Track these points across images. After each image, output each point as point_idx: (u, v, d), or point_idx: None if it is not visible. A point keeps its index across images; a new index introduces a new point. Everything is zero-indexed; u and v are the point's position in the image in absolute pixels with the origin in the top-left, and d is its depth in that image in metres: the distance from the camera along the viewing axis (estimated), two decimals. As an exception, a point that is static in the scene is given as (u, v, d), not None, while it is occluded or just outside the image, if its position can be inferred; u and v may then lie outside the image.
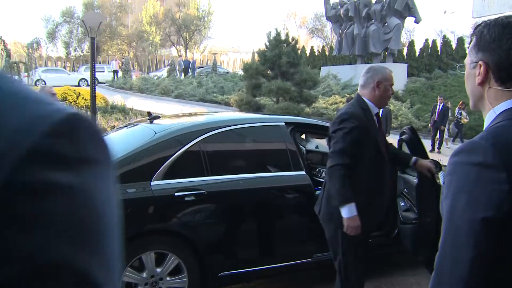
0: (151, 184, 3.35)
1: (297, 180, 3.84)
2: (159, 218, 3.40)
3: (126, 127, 4.36)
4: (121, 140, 4.01)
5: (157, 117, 4.21)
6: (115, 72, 33.05)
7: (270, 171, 3.92)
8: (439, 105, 13.15)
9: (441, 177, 1.33)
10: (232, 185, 3.66)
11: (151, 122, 4.04)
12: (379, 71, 3.03)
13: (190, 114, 5.39)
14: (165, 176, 3.42)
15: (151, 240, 3.39)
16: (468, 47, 1.29)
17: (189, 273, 3.43)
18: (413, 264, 4.71)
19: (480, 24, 1.25)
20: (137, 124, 4.19)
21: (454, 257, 1.06)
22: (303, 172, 3.87)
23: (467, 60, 1.28)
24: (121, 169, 3.33)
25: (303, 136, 5.46)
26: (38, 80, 27.87)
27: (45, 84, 26.47)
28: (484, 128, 1.24)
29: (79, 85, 26.65)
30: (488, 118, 1.22)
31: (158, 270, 3.36)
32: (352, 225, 2.80)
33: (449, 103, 14.30)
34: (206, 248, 3.49)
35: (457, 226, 1.06)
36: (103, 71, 32.58)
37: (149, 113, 4.92)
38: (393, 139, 4.04)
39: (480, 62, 1.20)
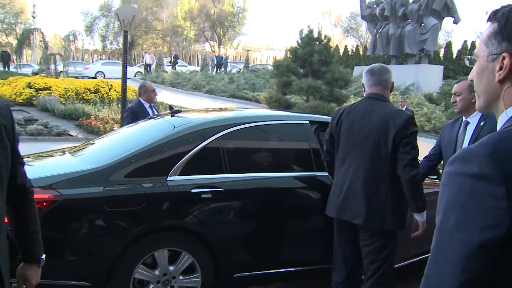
0: (167, 179, 3.27)
1: (320, 181, 3.68)
2: (174, 215, 3.31)
3: (147, 120, 4.29)
4: (139, 133, 3.94)
5: (179, 111, 4.12)
6: (148, 66, 33.43)
7: (292, 171, 3.78)
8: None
9: (440, 187, 1.13)
10: (251, 184, 3.54)
11: (172, 116, 3.96)
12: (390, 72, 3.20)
13: (215, 110, 5.29)
14: (182, 172, 3.33)
15: (165, 237, 3.30)
16: (488, 35, 1.06)
17: (202, 272, 3.33)
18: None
19: (501, 9, 1.05)
20: (158, 118, 4.11)
21: (440, 281, 0.90)
22: (327, 173, 3.70)
23: (480, 51, 1.08)
24: (137, 163, 3.25)
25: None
26: (98, 72, 29.22)
27: (104, 76, 27.38)
28: None
29: (95, 77, 26.91)
30: (500, 122, 1.04)
31: (171, 268, 3.27)
32: (424, 228, 3.08)
33: None
34: (221, 248, 3.37)
35: (445, 247, 0.90)
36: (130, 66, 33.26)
37: (170, 107, 4.86)
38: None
39: (504, 54, 1.01)
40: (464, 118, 3.34)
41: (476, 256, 0.86)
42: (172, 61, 34.95)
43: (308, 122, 3.87)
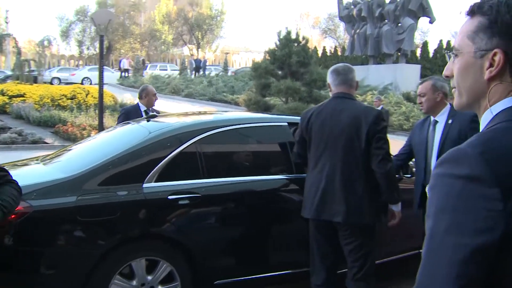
0: (143, 186, 3.17)
1: (299, 183, 3.63)
2: (151, 223, 3.21)
3: (121, 126, 4.18)
4: (114, 140, 3.84)
5: (155, 116, 4.04)
6: (126, 70, 33.10)
7: (271, 174, 3.72)
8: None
9: (428, 190, 1.09)
10: (229, 188, 3.46)
11: (148, 121, 3.87)
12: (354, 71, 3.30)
13: (192, 113, 5.20)
14: (158, 179, 3.24)
15: (142, 246, 3.20)
16: (474, 30, 1.00)
17: (182, 281, 3.24)
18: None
19: (487, 1, 0.98)
20: (132, 123, 4.01)
21: None
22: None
23: (464, 47, 1.01)
24: (111, 170, 3.15)
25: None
26: (84, 78, 29.56)
27: (91, 82, 27.36)
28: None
29: (82, 83, 26.98)
30: (484, 120, 1.00)
31: (149, 277, 3.17)
32: (400, 217, 3.22)
33: None
34: (200, 255, 3.29)
35: (437, 252, 0.86)
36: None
37: (146, 112, 4.77)
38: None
39: (496, 50, 0.95)
40: (432, 118, 3.37)
41: (470, 261, 0.82)
42: (139, 67, 33.93)
43: (286, 124, 3.82)
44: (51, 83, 26.51)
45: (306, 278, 3.61)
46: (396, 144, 3.28)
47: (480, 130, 0.99)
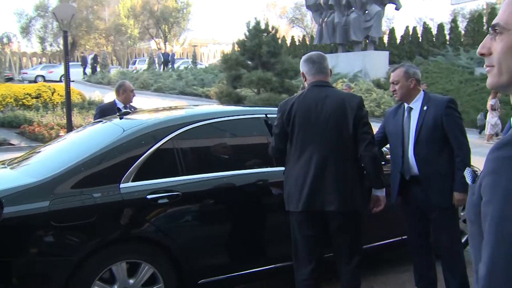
0: (120, 187, 3.04)
1: (280, 176, 3.56)
2: (130, 224, 3.08)
3: (92, 125, 4.01)
4: (86, 139, 3.68)
5: (127, 113, 3.88)
6: (95, 66, 32.36)
7: (251, 168, 3.63)
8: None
9: (467, 174, 1.03)
10: (210, 185, 3.36)
11: (121, 119, 3.71)
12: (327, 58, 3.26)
13: (166, 109, 5.06)
14: (136, 178, 3.11)
15: (122, 249, 3.07)
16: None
17: (165, 282, 3.13)
18: (405, 260, 4.49)
19: None
20: (104, 121, 3.85)
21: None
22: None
23: (511, 23, 0.94)
24: (85, 172, 3.01)
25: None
26: (63, 75, 28.66)
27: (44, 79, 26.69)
28: None
29: (60, 81, 26.34)
30: None
31: (131, 281, 3.05)
32: (385, 202, 3.25)
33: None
34: (183, 255, 3.19)
35: (511, 237, 0.83)
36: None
37: (118, 109, 4.60)
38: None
39: None
40: (406, 105, 3.34)
41: None
42: (91, 63, 32.50)
43: (264, 116, 3.73)
44: (35, 81, 26.84)
45: (290, 271, 3.56)
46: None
47: None
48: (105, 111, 4.92)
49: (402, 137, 3.31)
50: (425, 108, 3.21)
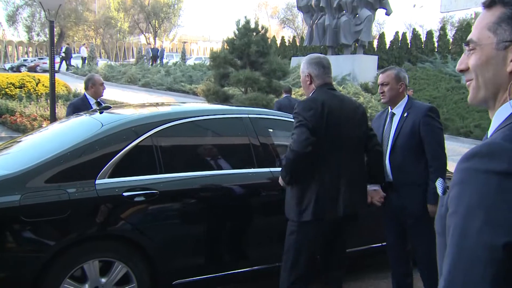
0: (96, 183, 2.96)
1: (261, 177, 3.51)
2: (104, 221, 3.00)
3: (71, 118, 3.92)
4: (63, 133, 3.58)
5: (108, 107, 3.80)
6: (84, 58, 31.90)
7: (231, 168, 3.57)
8: (409, 98, 13.01)
9: (439, 185, 1.02)
10: (188, 184, 3.29)
11: (100, 113, 3.63)
12: None
13: (148, 105, 4.98)
14: (112, 174, 3.03)
15: (94, 247, 2.99)
16: (496, 21, 0.97)
17: (138, 282, 3.07)
18: (385, 267, 4.47)
19: None
20: (83, 115, 3.76)
21: None
22: (268, 169, 3.53)
23: (484, 39, 0.97)
24: (60, 166, 2.92)
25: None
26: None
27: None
28: (491, 127, 0.97)
29: (35, 71, 26.36)
30: (501, 113, 0.95)
31: (103, 280, 2.98)
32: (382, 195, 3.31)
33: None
34: (158, 254, 3.12)
35: (470, 252, 0.82)
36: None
37: (98, 103, 4.51)
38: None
39: None
40: (389, 109, 3.31)
41: (505, 260, 0.80)
42: (62, 56, 30.74)
43: (247, 116, 3.67)
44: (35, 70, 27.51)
45: (268, 275, 3.51)
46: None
47: (496, 124, 0.96)
48: (76, 108, 4.81)
49: (381, 142, 3.28)
50: (405, 114, 3.18)
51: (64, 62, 30.45)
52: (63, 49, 30.94)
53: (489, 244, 0.80)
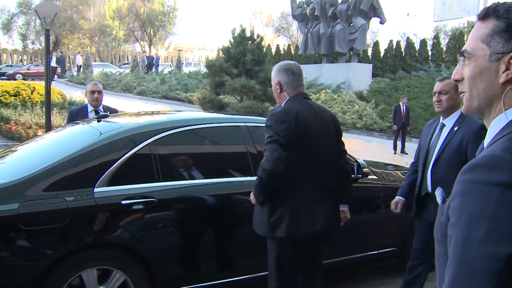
0: (94, 191, 2.97)
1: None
2: (103, 230, 3.00)
3: (68, 127, 3.92)
4: (61, 141, 3.59)
5: (105, 116, 3.81)
6: (79, 67, 31.90)
7: (228, 176, 3.58)
8: (403, 106, 13.07)
9: (438, 194, 1.05)
10: (186, 192, 3.31)
11: (98, 121, 3.64)
12: None
13: (146, 113, 4.99)
14: (111, 182, 3.04)
15: (93, 255, 2.99)
16: (490, 33, 0.99)
17: (136, 290, 3.06)
18: (379, 274, 4.50)
19: (502, 5, 0.98)
20: (81, 123, 3.77)
21: None
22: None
23: (477, 50, 1.00)
24: (58, 174, 2.93)
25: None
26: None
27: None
28: (487, 137, 0.99)
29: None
30: (497, 124, 0.98)
31: (101, 288, 2.98)
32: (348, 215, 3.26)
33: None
34: (156, 263, 3.13)
35: (473, 262, 0.84)
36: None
37: (96, 111, 4.52)
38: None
39: None
40: (441, 119, 3.21)
41: (506, 270, 0.81)
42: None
43: (245, 124, 3.70)
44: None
45: (264, 283, 3.51)
46: (349, 142, 3.27)
47: (492, 134, 0.98)
48: (73, 114, 4.86)
49: (427, 153, 3.20)
50: (455, 128, 3.07)
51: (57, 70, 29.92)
52: (53, 59, 28.72)
53: (491, 254, 0.82)
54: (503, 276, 0.81)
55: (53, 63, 26.67)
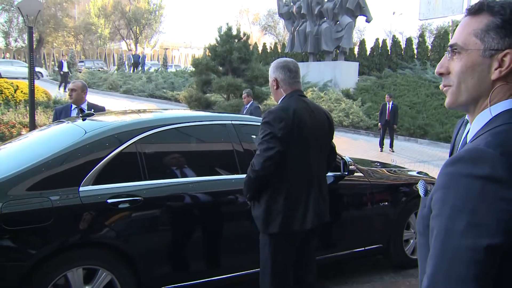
0: (79, 190, 2.94)
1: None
2: (88, 229, 2.97)
3: (53, 125, 3.88)
4: (45, 140, 3.54)
5: (90, 114, 3.77)
6: (67, 73, 31.33)
7: (215, 175, 3.58)
8: (389, 104, 13.16)
9: (420, 186, 1.06)
10: (173, 190, 3.29)
11: (83, 120, 3.60)
12: None
13: (132, 111, 4.95)
14: (96, 181, 3.02)
15: (78, 255, 2.96)
16: (484, 29, 0.99)
17: (123, 289, 3.04)
18: (368, 271, 4.52)
19: (497, 2, 0.98)
20: (66, 122, 3.73)
21: None
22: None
23: (470, 44, 1.00)
24: (42, 174, 2.89)
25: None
26: None
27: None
28: (471, 132, 1.01)
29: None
30: (480, 119, 1.00)
31: (87, 288, 2.95)
32: None
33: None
34: (143, 261, 3.11)
35: (454, 253, 0.86)
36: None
37: (81, 110, 4.48)
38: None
39: (508, 51, 0.95)
40: (466, 116, 3.28)
41: (486, 261, 0.83)
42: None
43: (231, 122, 3.69)
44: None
45: (256, 280, 3.51)
46: (335, 140, 3.27)
47: (476, 129, 0.99)
48: (58, 113, 4.84)
49: (452, 148, 3.26)
50: None
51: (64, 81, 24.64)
52: (65, 65, 24.77)
53: (472, 245, 0.84)
54: (483, 268, 0.83)
55: (65, 68, 23.51)
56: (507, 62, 0.96)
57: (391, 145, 13.10)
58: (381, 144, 13.15)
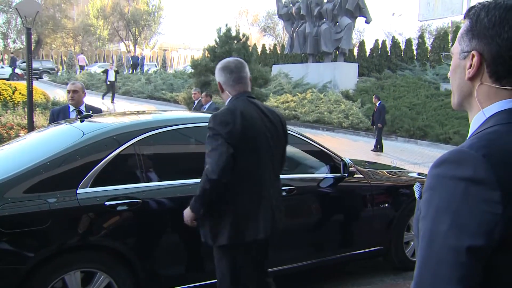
0: (77, 192, 2.91)
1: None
2: (86, 231, 2.94)
3: (51, 127, 3.85)
4: (44, 141, 3.51)
5: (89, 116, 3.74)
6: (82, 67, 31.65)
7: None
8: (377, 105, 13.05)
9: (416, 189, 1.06)
10: (171, 192, 3.26)
11: (81, 121, 3.58)
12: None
13: (130, 113, 4.93)
14: (94, 183, 2.98)
15: (76, 258, 2.93)
16: (462, 33, 1.05)
17: (121, 293, 3.01)
18: (368, 273, 4.50)
19: (475, 6, 1.03)
20: (64, 124, 3.70)
21: None
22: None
23: (455, 49, 1.07)
24: (39, 176, 2.86)
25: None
26: None
27: None
28: (469, 133, 1.03)
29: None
30: (476, 120, 1.02)
31: (85, 291, 2.92)
32: None
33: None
34: (141, 264, 3.08)
35: (438, 254, 0.87)
36: None
37: (79, 111, 4.45)
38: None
39: (473, 52, 1.01)
40: None
41: (470, 263, 0.84)
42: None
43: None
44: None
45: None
46: (335, 141, 3.22)
47: (472, 131, 1.01)
48: (55, 114, 4.79)
49: None
50: None
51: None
52: (111, 74, 21.81)
53: (454, 247, 0.84)
54: (467, 269, 0.84)
55: (111, 78, 20.91)
56: (474, 63, 1.00)
57: (375, 146, 12.77)
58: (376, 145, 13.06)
